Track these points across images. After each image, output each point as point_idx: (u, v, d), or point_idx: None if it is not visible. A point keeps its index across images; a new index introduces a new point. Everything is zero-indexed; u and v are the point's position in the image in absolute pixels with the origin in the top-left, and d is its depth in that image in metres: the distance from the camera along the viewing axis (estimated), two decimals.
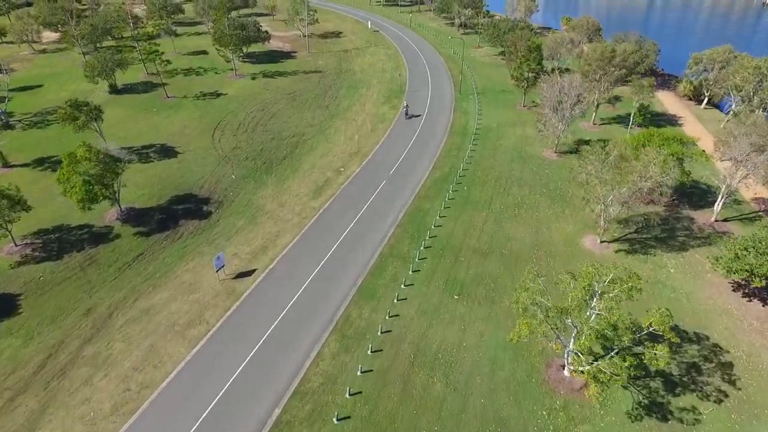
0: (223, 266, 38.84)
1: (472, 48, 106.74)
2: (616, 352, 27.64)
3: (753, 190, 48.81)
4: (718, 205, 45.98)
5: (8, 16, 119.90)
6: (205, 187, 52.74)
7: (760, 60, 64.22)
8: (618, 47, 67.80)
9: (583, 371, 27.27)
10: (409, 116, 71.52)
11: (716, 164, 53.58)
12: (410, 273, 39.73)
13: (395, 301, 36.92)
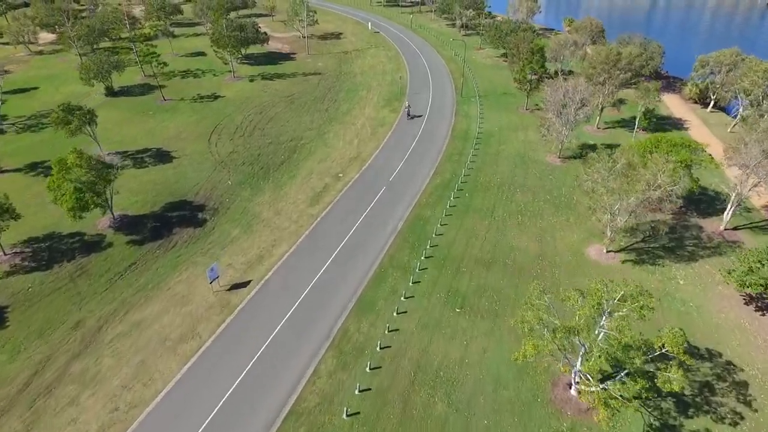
0: (217, 277, 37.57)
1: (474, 49, 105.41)
2: (626, 373, 26.33)
3: (765, 197, 47.39)
4: (728, 214, 44.63)
5: (5, 16, 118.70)
6: (200, 193, 51.49)
7: None
8: (624, 50, 66.30)
9: (591, 391, 25.97)
10: (411, 116, 70.55)
11: (725, 171, 52.19)
12: (410, 284, 38.44)
13: (395, 314, 35.64)
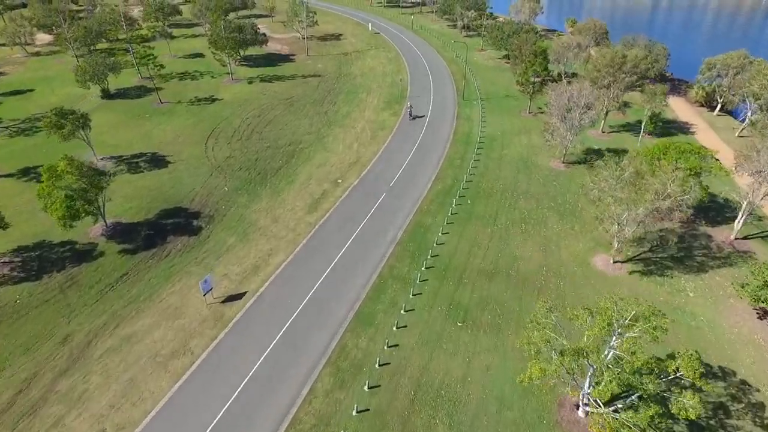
0: (211, 289, 36.34)
1: (476, 51, 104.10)
2: (638, 396, 25.06)
3: None
4: (739, 223, 43.28)
5: (2, 17, 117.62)
6: (196, 199, 50.24)
7: None
8: (629, 53, 64.92)
9: (601, 414, 24.72)
10: (413, 117, 69.55)
11: (736, 178, 50.82)
12: (411, 296, 37.15)
13: (394, 328, 34.36)
